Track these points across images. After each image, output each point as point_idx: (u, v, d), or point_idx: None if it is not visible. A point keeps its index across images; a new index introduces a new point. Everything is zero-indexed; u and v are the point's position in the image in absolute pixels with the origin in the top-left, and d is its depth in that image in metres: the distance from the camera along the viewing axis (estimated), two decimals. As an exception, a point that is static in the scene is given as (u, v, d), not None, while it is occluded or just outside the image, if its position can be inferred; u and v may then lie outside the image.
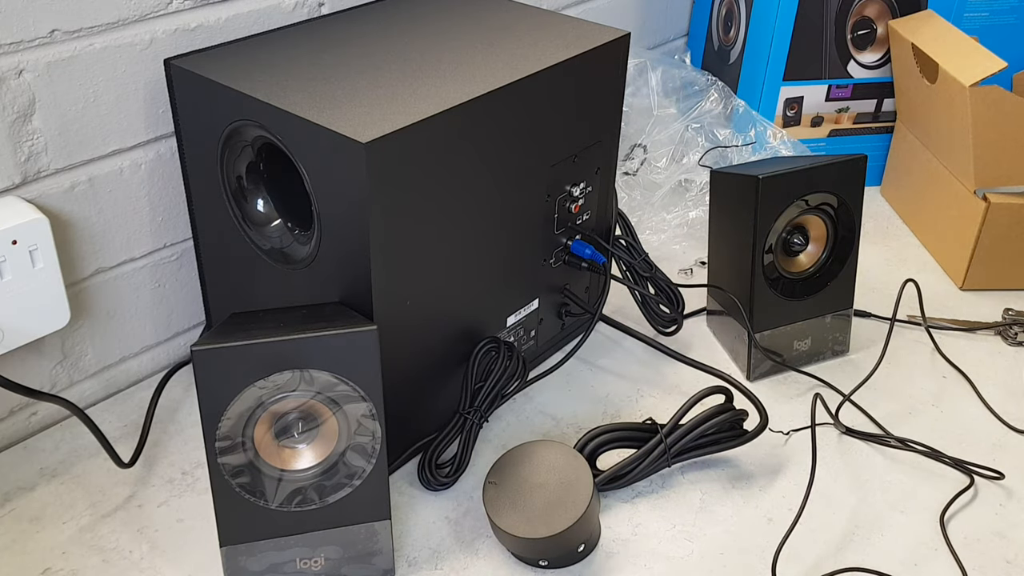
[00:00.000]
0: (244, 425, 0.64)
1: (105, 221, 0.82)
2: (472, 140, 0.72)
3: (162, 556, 0.72)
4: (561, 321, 0.94)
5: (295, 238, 0.75)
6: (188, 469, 0.80)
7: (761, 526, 0.76)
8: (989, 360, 0.96)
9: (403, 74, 0.74)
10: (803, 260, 0.92)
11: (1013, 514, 0.78)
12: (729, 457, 0.83)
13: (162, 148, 0.84)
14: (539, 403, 0.89)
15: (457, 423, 0.80)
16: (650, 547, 0.74)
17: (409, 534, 0.75)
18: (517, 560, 0.73)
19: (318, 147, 0.67)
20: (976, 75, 1.01)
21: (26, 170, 0.75)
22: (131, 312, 0.88)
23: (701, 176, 1.18)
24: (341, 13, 0.89)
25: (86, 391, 0.87)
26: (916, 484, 0.81)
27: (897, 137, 1.24)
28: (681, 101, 1.26)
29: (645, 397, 0.90)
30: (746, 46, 1.27)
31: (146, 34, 0.79)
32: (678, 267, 1.10)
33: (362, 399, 0.65)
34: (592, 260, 0.89)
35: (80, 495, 0.77)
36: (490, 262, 0.81)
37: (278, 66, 0.75)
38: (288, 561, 0.68)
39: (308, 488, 0.67)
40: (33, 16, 0.72)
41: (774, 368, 0.93)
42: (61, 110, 0.76)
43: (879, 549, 0.75)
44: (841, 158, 0.88)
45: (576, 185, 0.86)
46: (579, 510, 0.69)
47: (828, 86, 1.24)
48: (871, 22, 1.21)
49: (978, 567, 0.73)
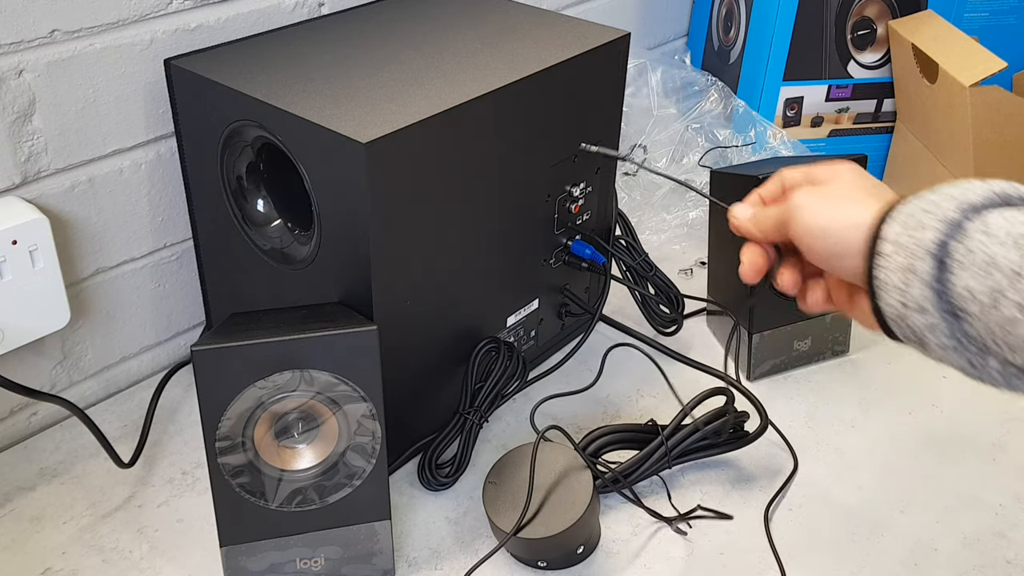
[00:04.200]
0: (244, 425, 0.64)
1: (105, 221, 0.82)
2: (472, 140, 0.72)
3: (162, 556, 0.72)
4: (561, 321, 0.94)
5: (295, 238, 0.75)
6: (188, 469, 0.80)
7: (761, 526, 0.76)
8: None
9: (403, 74, 0.74)
10: (803, 260, 0.92)
11: (1013, 514, 0.78)
12: (729, 458, 0.83)
13: (162, 148, 0.84)
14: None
15: (457, 423, 0.80)
16: (650, 547, 0.74)
17: (409, 534, 0.75)
18: (517, 560, 0.73)
19: (318, 147, 0.67)
20: (976, 75, 1.01)
21: (26, 170, 0.75)
22: (131, 312, 0.88)
23: (701, 176, 1.18)
24: (341, 13, 0.89)
25: (86, 391, 0.87)
26: (916, 484, 0.81)
27: (897, 137, 1.24)
28: (681, 101, 1.26)
29: (645, 397, 0.90)
30: (746, 46, 1.27)
31: (146, 34, 0.79)
32: (678, 267, 1.10)
33: (362, 399, 0.65)
34: (592, 260, 0.89)
35: (80, 495, 0.77)
36: (490, 262, 0.81)
37: (278, 66, 0.75)
38: (288, 561, 0.68)
39: (308, 488, 0.66)
40: (33, 16, 0.72)
41: (774, 368, 0.93)
42: (61, 110, 0.76)
43: (879, 549, 0.75)
44: (841, 158, 0.88)
45: (576, 185, 0.86)
46: (579, 511, 0.69)
47: (828, 86, 1.24)
48: (871, 22, 1.21)
49: (978, 567, 0.73)
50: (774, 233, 0.58)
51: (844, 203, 0.53)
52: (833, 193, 0.55)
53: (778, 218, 0.57)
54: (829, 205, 0.54)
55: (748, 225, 0.60)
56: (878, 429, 0.87)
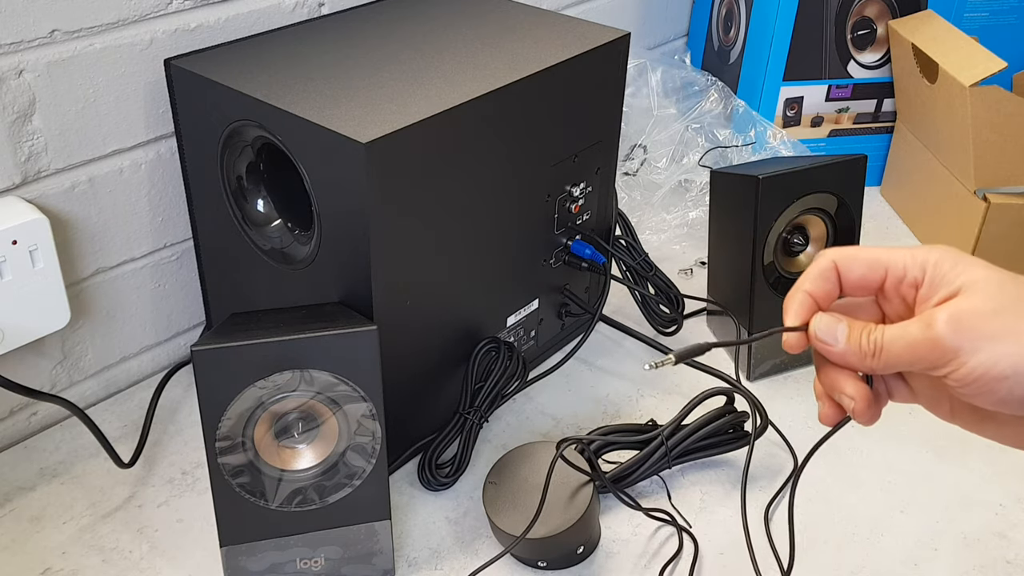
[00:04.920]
0: (244, 425, 0.64)
1: (105, 221, 0.82)
2: (472, 140, 0.72)
3: (162, 556, 0.72)
4: (561, 321, 0.94)
5: (295, 238, 0.75)
6: (188, 469, 0.80)
7: (761, 526, 0.76)
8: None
9: (403, 74, 0.74)
10: (803, 260, 0.92)
11: (1013, 514, 0.78)
12: (729, 458, 0.82)
13: (162, 148, 0.84)
14: (539, 403, 0.89)
15: (457, 423, 0.80)
16: (650, 547, 0.74)
17: (409, 534, 0.75)
18: (517, 560, 0.73)
19: (318, 147, 0.67)
20: (976, 75, 1.01)
21: (26, 170, 0.75)
22: (131, 312, 0.88)
23: (701, 176, 1.18)
24: (341, 13, 0.89)
25: (86, 391, 0.87)
26: (916, 484, 0.81)
27: (897, 137, 1.24)
28: (681, 101, 1.26)
29: (645, 397, 0.90)
30: (746, 46, 1.27)
31: (146, 34, 0.79)
32: (678, 267, 1.10)
33: (362, 399, 0.65)
34: (592, 260, 0.89)
35: (80, 495, 0.77)
36: (490, 262, 0.81)
37: (278, 66, 0.75)
38: (288, 561, 0.68)
39: (308, 488, 0.66)
40: (33, 16, 0.72)
41: (774, 368, 0.93)
42: (61, 110, 0.76)
43: (879, 549, 0.75)
44: (841, 158, 0.88)
45: (576, 185, 0.86)
46: (579, 511, 0.69)
47: (828, 86, 1.24)
48: (871, 22, 1.21)
49: (978, 567, 0.73)
50: (901, 366, 0.43)
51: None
52: (1007, 312, 0.41)
53: (921, 348, 0.42)
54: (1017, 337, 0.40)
55: (851, 355, 0.44)
56: (878, 429, 0.87)
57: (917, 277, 0.44)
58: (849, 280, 0.46)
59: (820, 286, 0.46)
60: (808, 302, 0.46)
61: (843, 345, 0.45)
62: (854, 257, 0.46)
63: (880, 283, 0.46)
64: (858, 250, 0.46)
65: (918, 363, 0.42)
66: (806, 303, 0.46)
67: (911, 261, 0.44)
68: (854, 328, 0.45)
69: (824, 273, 0.46)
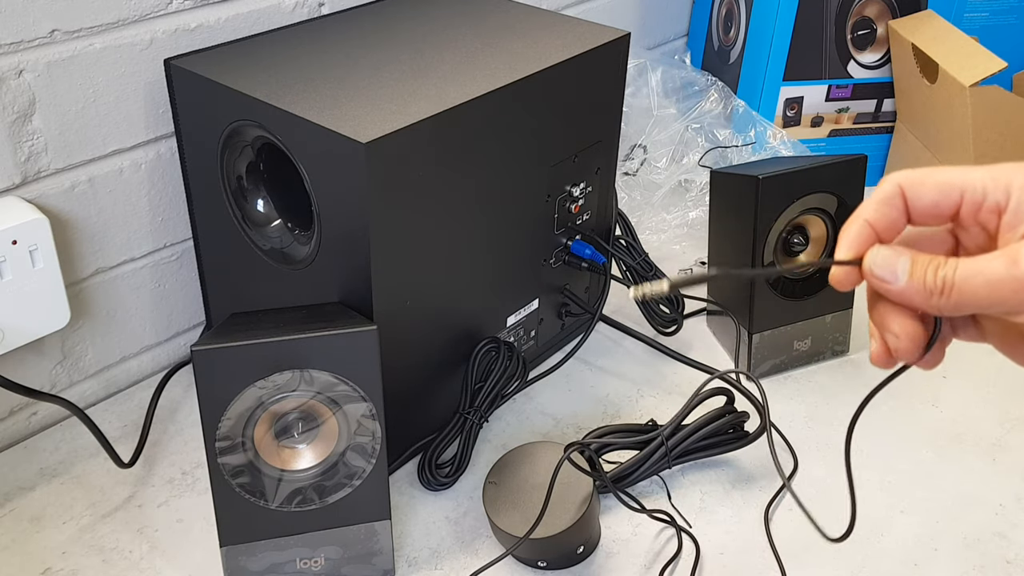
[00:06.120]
0: (244, 425, 0.64)
1: (105, 221, 0.82)
2: (472, 140, 0.72)
3: (162, 556, 0.72)
4: (561, 321, 0.94)
5: (295, 238, 0.75)
6: (188, 469, 0.80)
7: (761, 526, 0.76)
8: (988, 359, 0.96)
9: (403, 74, 0.74)
10: (803, 260, 0.92)
11: (1013, 514, 0.78)
12: (729, 458, 0.82)
13: (162, 148, 0.84)
14: (539, 403, 0.89)
15: (457, 423, 0.80)
16: (650, 547, 0.74)
17: (409, 534, 0.75)
18: (517, 560, 0.73)
19: (318, 147, 0.67)
20: (976, 75, 1.01)
21: (26, 170, 0.75)
22: (131, 312, 0.88)
23: (701, 176, 1.18)
24: (341, 13, 0.89)
25: (86, 391, 0.87)
26: (916, 484, 0.81)
27: (897, 137, 1.24)
28: (681, 101, 1.26)
29: (645, 397, 0.90)
30: (746, 46, 1.27)
31: (146, 34, 0.79)
32: (678, 267, 1.10)
33: (362, 399, 0.65)
34: (592, 260, 0.89)
35: (80, 495, 0.77)
36: (490, 262, 0.81)
37: (278, 66, 0.75)
38: (288, 561, 0.68)
39: (308, 488, 0.66)
40: (33, 16, 0.72)
41: (774, 368, 0.93)
42: (61, 110, 0.76)
43: (879, 549, 0.75)
44: (841, 158, 0.88)
45: (576, 185, 0.86)
46: (579, 511, 0.69)
47: (828, 86, 1.24)
48: (871, 22, 1.21)
49: (978, 567, 0.73)
50: (975, 307, 0.37)
51: None
52: None
53: (1004, 288, 0.35)
54: None
55: (913, 293, 0.37)
56: (878, 429, 0.87)
57: (1000, 201, 0.37)
58: (918, 207, 0.39)
59: (884, 214, 0.39)
60: (867, 232, 0.39)
61: (904, 282, 0.38)
62: (923, 180, 0.39)
63: (955, 210, 0.38)
64: (928, 171, 0.39)
65: (998, 305, 0.36)
66: (863, 233, 0.39)
67: (992, 183, 0.37)
68: (918, 262, 0.38)
69: (888, 199, 0.39)
